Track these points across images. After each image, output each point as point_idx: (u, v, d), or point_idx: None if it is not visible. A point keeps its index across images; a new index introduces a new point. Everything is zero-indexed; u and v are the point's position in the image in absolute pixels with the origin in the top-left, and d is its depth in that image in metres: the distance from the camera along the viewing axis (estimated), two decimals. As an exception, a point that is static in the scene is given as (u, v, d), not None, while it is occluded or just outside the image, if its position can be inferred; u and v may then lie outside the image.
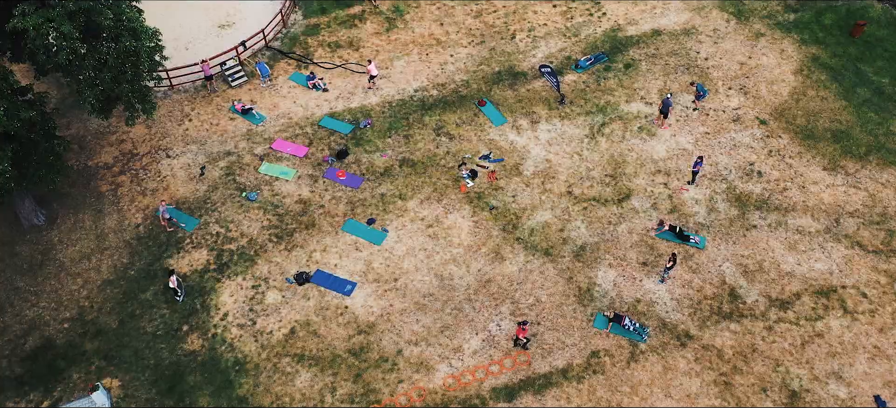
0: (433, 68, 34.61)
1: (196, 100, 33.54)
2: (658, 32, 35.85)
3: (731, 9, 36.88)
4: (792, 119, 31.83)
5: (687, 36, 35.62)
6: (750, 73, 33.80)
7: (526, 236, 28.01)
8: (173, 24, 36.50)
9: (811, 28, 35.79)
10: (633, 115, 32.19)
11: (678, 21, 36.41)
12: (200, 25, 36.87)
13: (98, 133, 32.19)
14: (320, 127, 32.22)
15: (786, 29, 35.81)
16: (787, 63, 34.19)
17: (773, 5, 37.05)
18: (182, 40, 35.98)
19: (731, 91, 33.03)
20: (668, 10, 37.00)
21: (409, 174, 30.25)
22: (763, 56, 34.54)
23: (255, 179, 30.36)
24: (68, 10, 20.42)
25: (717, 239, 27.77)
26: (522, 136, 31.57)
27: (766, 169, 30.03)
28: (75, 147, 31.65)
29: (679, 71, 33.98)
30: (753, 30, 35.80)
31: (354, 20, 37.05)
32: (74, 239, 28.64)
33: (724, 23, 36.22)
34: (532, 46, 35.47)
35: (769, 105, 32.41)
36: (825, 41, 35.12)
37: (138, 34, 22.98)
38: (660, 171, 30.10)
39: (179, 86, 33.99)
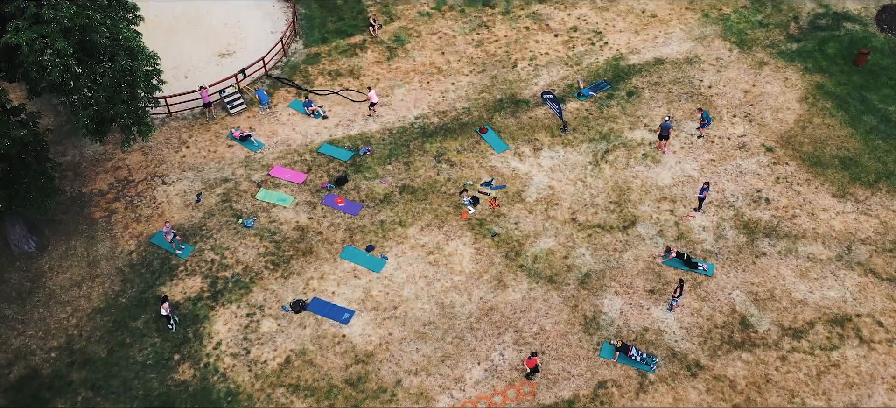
0: (434, 96, 34.28)
1: (194, 127, 33.13)
2: (660, 61, 35.62)
3: (733, 38, 36.73)
4: (798, 146, 31.33)
5: (689, 65, 35.38)
6: (754, 100, 33.43)
7: (529, 264, 27.25)
8: (173, 53, 36.37)
9: (814, 57, 35.56)
10: (636, 142, 31.71)
11: (680, 50, 36.22)
12: (200, 54, 36.72)
13: (93, 160, 31.69)
14: (319, 154, 31.73)
15: (788, 58, 35.59)
16: (792, 91, 33.86)
17: (776, 35, 36.92)
18: (182, 68, 35.78)
19: (735, 118, 32.62)
20: (671, 40, 36.86)
21: (409, 201, 29.63)
22: (767, 84, 34.23)
23: (252, 205, 29.74)
24: (63, 27, 20.05)
25: (726, 266, 26.99)
26: (525, 163, 31.04)
27: (774, 196, 29.40)
28: (70, 174, 31.14)
29: (682, 99, 33.63)
30: (756, 58, 35.58)
31: (355, 49, 36.89)
32: (65, 266, 27.89)
33: (727, 52, 36.02)
34: (534, 74, 35.21)
35: (775, 132, 31.95)
36: (829, 70, 34.86)
37: (135, 54, 22.61)
38: (665, 197, 29.47)
39: (177, 113, 33.62)
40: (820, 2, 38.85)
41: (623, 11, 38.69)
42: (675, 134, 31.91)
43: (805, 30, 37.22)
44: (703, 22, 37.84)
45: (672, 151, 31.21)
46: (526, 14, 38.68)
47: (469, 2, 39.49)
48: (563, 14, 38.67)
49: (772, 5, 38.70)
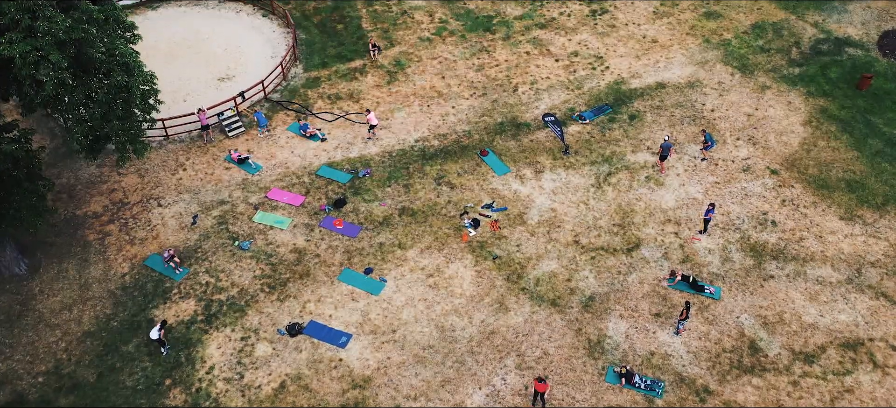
0: (434, 119, 33.97)
1: (191, 150, 32.74)
2: (662, 85, 35.40)
3: (734, 63, 36.58)
4: (804, 169, 30.89)
5: (691, 89, 35.14)
6: (758, 123, 33.10)
7: (531, 286, 26.58)
8: (172, 77, 36.19)
9: (817, 81, 35.35)
10: (639, 165, 31.27)
11: (682, 75, 36.03)
12: (200, 78, 36.53)
13: (89, 182, 31.23)
14: (318, 176, 31.28)
15: (791, 82, 35.38)
16: (795, 114, 33.56)
17: (777, 59, 36.77)
18: (180, 92, 35.54)
19: (739, 141, 32.24)
20: (672, 64, 36.70)
21: (408, 223, 29.08)
22: (770, 108, 33.95)
23: (249, 228, 29.18)
24: (58, 40, 19.73)
25: (733, 289, 26.32)
26: (526, 185, 30.57)
27: (781, 218, 28.86)
28: (64, 196, 30.66)
29: (685, 122, 33.30)
30: (758, 83, 35.36)
31: (355, 73, 36.71)
32: (56, 289, 27.22)
33: (729, 76, 35.82)
34: (535, 98, 34.95)
35: (779, 155, 31.54)
36: (832, 94, 34.61)
37: (131, 69, 22.27)
38: (669, 220, 28.92)
39: (175, 136, 33.27)
40: (821, 27, 38.83)
41: (624, 37, 38.63)
42: (679, 157, 31.52)
43: (807, 55, 37.10)
44: (704, 47, 37.74)
45: (676, 174, 30.76)
46: (526, 39, 38.62)
47: (470, 28, 39.48)
48: (564, 39, 38.60)
49: (773, 31, 38.65)
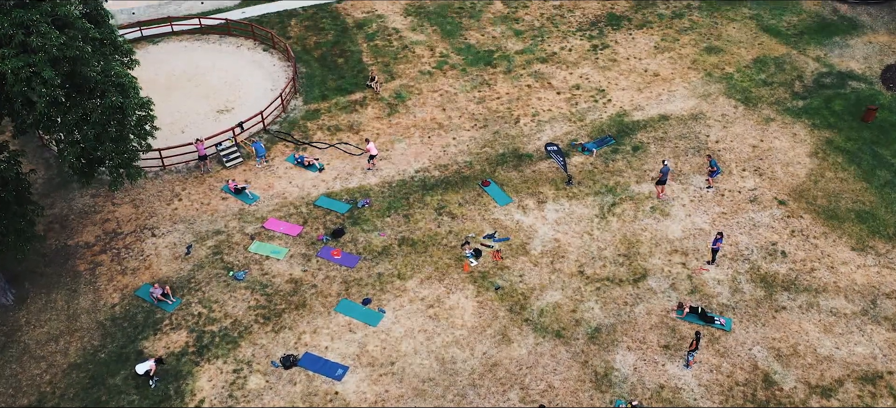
0: (435, 150, 33.51)
1: (188, 180, 32.18)
2: (665, 117, 35.05)
3: (737, 96, 36.31)
4: (812, 200, 30.26)
5: (695, 121, 34.78)
6: (763, 154, 32.61)
7: (535, 317, 25.67)
8: (171, 109, 35.90)
9: (821, 114, 35.02)
10: (644, 195, 30.66)
11: (685, 107, 35.72)
12: (198, 110, 36.22)
13: (82, 212, 30.59)
14: (316, 207, 30.65)
15: (795, 114, 35.04)
16: (801, 146, 33.10)
17: (781, 93, 36.51)
18: (178, 124, 35.18)
19: (745, 172, 31.70)
20: (674, 97, 36.43)
21: (408, 253, 28.31)
22: (775, 139, 33.52)
23: (245, 258, 28.41)
24: (52, 56, 19.34)
25: (745, 321, 25.40)
26: (529, 215, 29.90)
27: (790, 249, 28.10)
28: (56, 226, 29.97)
29: (689, 153, 32.82)
30: (762, 115, 35.02)
31: (355, 105, 36.43)
32: (43, 320, 26.31)
33: (732, 109, 35.51)
34: (537, 130, 34.57)
35: (787, 186, 30.96)
36: (837, 126, 34.23)
37: (127, 91, 21.84)
38: (676, 250, 28.16)
39: (171, 166, 32.75)
40: (823, 62, 38.71)
41: (625, 71, 38.48)
42: (684, 188, 30.94)
43: (810, 88, 36.86)
44: (706, 80, 37.55)
45: (682, 204, 30.12)
46: (527, 73, 38.46)
47: (470, 62, 39.38)
48: (565, 73, 38.45)
49: (774, 65, 38.53)
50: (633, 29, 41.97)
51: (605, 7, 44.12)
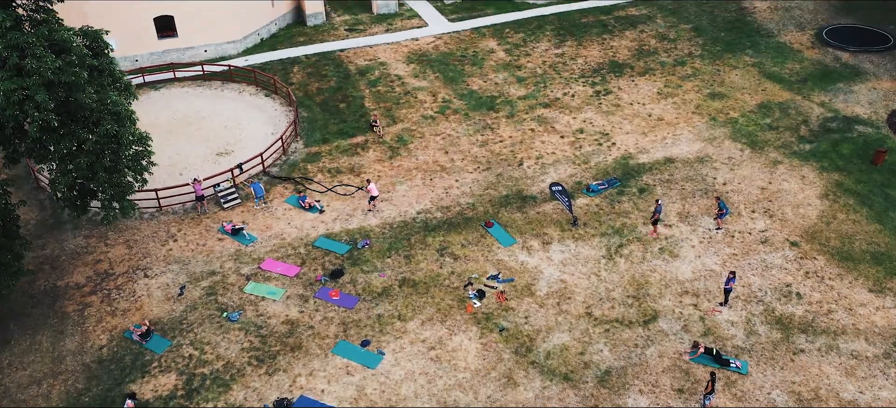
0: (437, 192, 32.86)
1: (184, 221, 31.45)
2: (671, 160, 34.53)
3: (743, 140, 35.87)
4: (825, 241, 29.39)
5: (701, 163, 34.23)
6: (773, 196, 31.92)
7: (541, 360, 24.48)
8: (170, 152, 35.51)
9: (830, 157, 34.48)
10: (652, 237, 29.80)
11: (690, 150, 35.24)
12: (197, 153, 35.81)
13: (74, 253, 29.74)
14: (315, 247, 29.81)
15: (803, 157, 34.50)
16: (811, 188, 32.42)
17: (787, 137, 36.08)
18: (177, 166, 34.70)
19: (754, 214, 30.93)
20: (679, 141, 36.00)
21: (409, 294, 27.30)
22: (784, 182, 32.88)
23: (239, 298, 27.41)
24: (46, 80, 18.88)
25: (762, 364, 24.18)
26: (533, 256, 29.00)
27: (805, 290, 27.07)
28: (46, 267, 29.10)
29: (696, 195, 32.13)
30: (770, 158, 34.48)
31: (357, 149, 36.00)
32: (26, 362, 25.14)
33: (739, 152, 35.01)
34: (541, 172, 33.99)
35: (798, 227, 30.13)
36: (846, 168, 33.63)
37: (123, 120, 21.32)
38: (687, 292, 27.14)
39: (168, 207, 32.08)
40: (828, 107, 38.45)
41: (629, 115, 38.20)
42: (693, 229, 30.13)
43: (816, 132, 36.46)
44: (710, 125, 37.20)
45: (691, 246, 29.25)
46: (531, 117, 38.18)
47: (473, 107, 39.17)
48: (569, 117, 38.16)
49: (779, 110, 38.26)
50: (635, 76, 41.94)
51: (606, 55, 44.25)
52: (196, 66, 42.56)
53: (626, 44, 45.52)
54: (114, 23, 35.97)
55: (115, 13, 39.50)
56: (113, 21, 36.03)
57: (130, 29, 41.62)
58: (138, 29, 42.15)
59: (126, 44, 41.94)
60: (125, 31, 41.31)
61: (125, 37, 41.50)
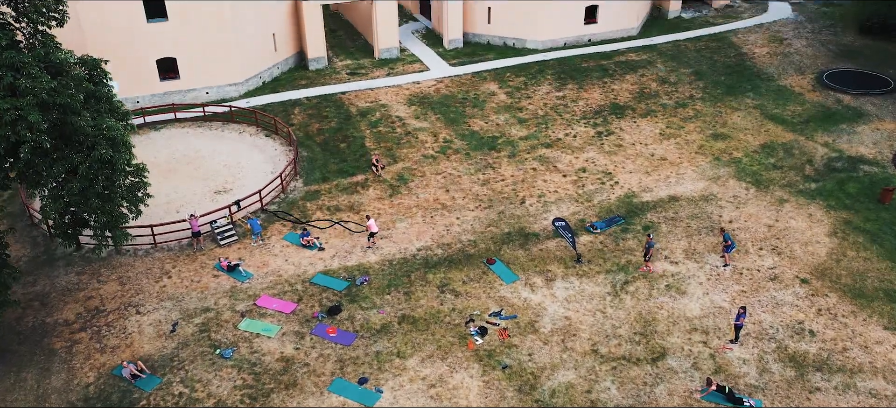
0: (438, 229, 32.26)
1: (179, 258, 30.77)
2: (675, 198, 34.04)
3: (748, 179, 35.45)
4: (836, 279, 28.62)
5: (706, 202, 33.72)
6: (780, 234, 31.28)
7: (546, 399, 23.44)
8: (167, 190, 35.09)
9: (836, 195, 33.99)
10: (658, 273, 29.07)
11: (694, 189, 34.78)
12: (195, 191, 35.36)
13: (65, 290, 28.97)
14: (312, 284, 29.05)
15: (809, 196, 34.01)
16: (819, 226, 31.82)
17: (792, 176, 35.67)
18: (174, 203, 34.21)
19: (762, 251, 30.25)
20: (683, 180, 35.57)
21: (409, 331, 26.41)
22: (791, 220, 32.30)
23: (233, 335, 26.51)
24: (40, 100, 18.52)
25: (777, 402, 23.14)
26: (537, 293, 28.20)
27: (818, 328, 26.18)
28: (36, 304, 28.30)
29: (702, 233, 31.50)
30: (775, 196, 33.99)
31: (357, 187, 35.56)
32: (9, 400, 24.12)
33: (744, 190, 34.54)
34: (543, 210, 33.45)
35: (807, 265, 29.41)
36: (854, 207, 33.10)
37: (118, 145, 20.89)
38: (696, 329, 26.25)
39: (163, 243, 31.45)
40: (831, 147, 38.17)
41: (631, 155, 37.90)
42: (700, 266, 29.41)
43: (821, 171, 36.07)
44: (714, 164, 36.84)
45: (698, 283, 28.48)
46: (532, 157, 37.87)
47: (474, 147, 38.92)
48: (571, 157, 37.85)
49: (783, 150, 37.96)
50: (637, 117, 41.84)
51: (607, 98, 44.26)
52: (197, 108, 42.52)
53: (627, 87, 45.61)
54: (116, 64, 36.13)
55: (118, 55, 39.61)
56: (115, 62, 36.12)
57: (133, 70, 41.78)
58: (141, 71, 42.30)
59: (128, 85, 42.04)
60: (127, 72, 41.46)
61: (127, 78, 41.62)
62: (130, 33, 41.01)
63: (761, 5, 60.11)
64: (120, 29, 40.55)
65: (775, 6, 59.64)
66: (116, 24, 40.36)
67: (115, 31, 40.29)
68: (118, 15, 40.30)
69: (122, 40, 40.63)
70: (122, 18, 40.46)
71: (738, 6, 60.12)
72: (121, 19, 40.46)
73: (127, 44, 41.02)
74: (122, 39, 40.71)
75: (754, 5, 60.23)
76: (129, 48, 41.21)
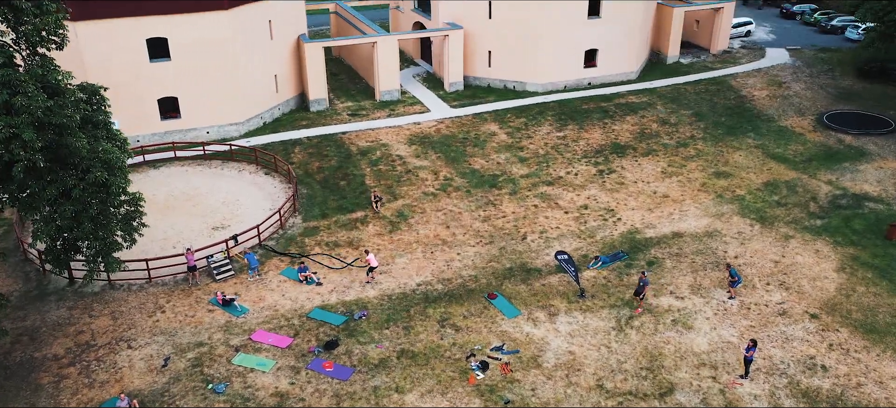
0: (438, 264, 31.69)
1: (174, 293, 30.12)
2: (679, 235, 33.56)
3: (752, 215, 35.05)
4: (847, 314, 27.92)
5: (710, 238, 33.23)
6: (787, 270, 30.69)
7: (551, 435, 22.53)
8: (165, 226, 34.67)
9: (842, 232, 33.52)
10: (664, 308, 28.39)
11: (698, 225, 34.33)
12: (193, 227, 34.91)
13: (55, 325, 28.23)
14: (309, 319, 28.33)
15: (815, 232, 33.53)
16: (826, 262, 31.25)
17: (796, 213, 35.27)
18: (171, 240, 33.72)
19: (770, 286, 29.61)
20: (686, 216, 35.16)
21: (408, 366, 25.59)
22: (797, 255, 31.75)
23: (227, 370, 25.68)
24: (36, 119, 18.23)
25: (791, 439, 22.22)
26: (539, 328, 27.46)
27: (831, 363, 25.37)
28: (25, 338, 27.53)
29: (707, 268, 30.92)
30: (781, 233, 33.52)
31: (356, 223, 35.13)
32: (-7, 436, 23.21)
33: (748, 227, 34.09)
34: (545, 246, 32.94)
35: (817, 300, 28.73)
36: (861, 243, 32.59)
37: (113, 169, 20.53)
38: (704, 364, 25.43)
39: (158, 279, 30.84)
40: (835, 185, 37.88)
41: (633, 192, 37.58)
42: (706, 301, 28.74)
43: (826, 208, 35.68)
44: (717, 202, 36.48)
45: (705, 318, 27.77)
46: (534, 194, 37.55)
47: (475, 184, 38.64)
48: (572, 194, 37.52)
49: (786, 188, 37.66)
50: (638, 156, 41.69)
51: (608, 138, 44.22)
52: (197, 146, 42.43)
53: (628, 128, 45.63)
54: (118, 103, 36.13)
55: (120, 93, 39.71)
56: (117, 101, 36.09)
57: (134, 109, 41.81)
58: (142, 109, 42.36)
59: (128, 124, 41.98)
60: (128, 111, 41.48)
61: (128, 117, 41.63)
62: (133, 72, 41.22)
63: (758, 51, 60.77)
64: (123, 68, 40.74)
65: (773, 52, 60.27)
66: (119, 63, 40.57)
67: (118, 69, 40.46)
68: (121, 53, 40.56)
69: (124, 79, 40.76)
70: (125, 57, 40.71)
71: (736, 52, 60.77)
72: (124, 58, 40.70)
73: (129, 83, 41.17)
74: (125, 78, 40.85)
75: (752, 51, 60.89)
76: (132, 87, 41.34)
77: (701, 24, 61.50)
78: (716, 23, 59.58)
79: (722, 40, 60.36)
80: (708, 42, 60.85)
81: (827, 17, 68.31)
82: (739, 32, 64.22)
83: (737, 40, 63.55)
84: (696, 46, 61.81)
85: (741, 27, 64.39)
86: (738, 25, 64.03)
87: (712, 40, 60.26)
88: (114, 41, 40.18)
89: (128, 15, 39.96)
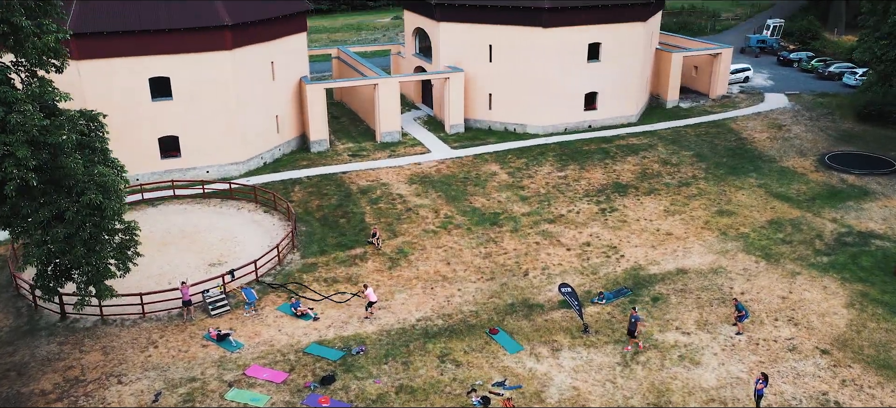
0: (438, 300, 31.04)
1: (167, 328, 29.40)
2: (683, 271, 32.98)
3: (757, 252, 34.52)
4: (859, 349, 27.15)
5: (716, 274, 32.64)
6: (795, 305, 30.02)
7: (555, 472, 21.57)
8: (161, 262, 34.18)
9: (850, 268, 32.95)
10: (670, 344, 27.64)
11: (703, 262, 33.78)
12: (190, 263, 34.40)
13: (45, 360, 27.47)
14: (305, 354, 27.56)
15: (822, 269, 32.96)
16: (835, 298, 30.60)
17: (802, 250, 34.76)
18: (167, 275, 33.17)
19: (778, 322, 28.90)
20: (691, 253, 34.63)
21: (407, 401, 24.74)
22: (805, 291, 31.12)
23: (219, 406, 24.81)
24: (31, 137, 17.97)
25: (807, 476, 21.25)
26: (542, 363, 26.67)
27: (844, 399, 24.51)
28: (13, 374, 26.74)
29: (713, 304, 30.25)
30: (787, 269, 32.94)
31: (355, 259, 34.60)
32: (-27, 472, 22.25)
33: (754, 263, 33.53)
34: (547, 282, 32.33)
35: (827, 336, 27.99)
36: (870, 280, 31.99)
37: (109, 192, 20.17)
38: (713, 400, 24.57)
39: (152, 314, 30.17)
40: (840, 223, 37.46)
41: (636, 230, 37.14)
42: (714, 337, 28.01)
43: (832, 245, 35.19)
44: (721, 239, 36.01)
45: (713, 353, 26.99)
46: (535, 232, 37.10)
47: (476, 222, 38.24)
48: (574, 232, 37.08)
49: (791, 226, 37.24)
50: (640, 195, 41.41)
51: (610, 177, 44.02)
52: (196, 184, 42.21)
53: (629, 168, 45.48)
54: (118, 141, 35.98)
55: (121, 132, 39.70)
56: (117, 139, 35.96)
57: (134, 148, 41.71)
58: (142, 148, 42.31)
59: (128, 163, 41.46)
60: (129, 149, 41.35)
61: (128, 155, 41.37)
62: (135, 111, 41.31)
63: (757, 96, 61.14)
64: (125, 106, 40.82)
65: (772, 97, 60.64)
66: (121, 102, 40.66)
67: (120, 108, 40.50)
68: (124, 92, 40.72)
69: (125, 118, 40.81)
70: (127, 96, 40.85)
71: (735, 97, 61.14)
72: (126, 96, 40.84)
73: (131, 121, 41.22)
74: (126, 117, 40.91)
75: (751, 96, 61.26)
76: (133, 125, 41.38)
77: (699, 69, 62.07)
78: (714, 68, 60.13)
79: (721, 85, 60.81)
80: (707, 87, 61.29)
81: (824, 63, 69.03)
82: (738, 78, 64.76)
83: (736, 86, 64.04)
84: (695, 91, 62.25)
85: (740, 73, 64.97)
86: (736, 71, 64.62)
87: (711, 85, 60.71)
88: (116, 80, 40.40)
89: (131, 54, 40.28)
